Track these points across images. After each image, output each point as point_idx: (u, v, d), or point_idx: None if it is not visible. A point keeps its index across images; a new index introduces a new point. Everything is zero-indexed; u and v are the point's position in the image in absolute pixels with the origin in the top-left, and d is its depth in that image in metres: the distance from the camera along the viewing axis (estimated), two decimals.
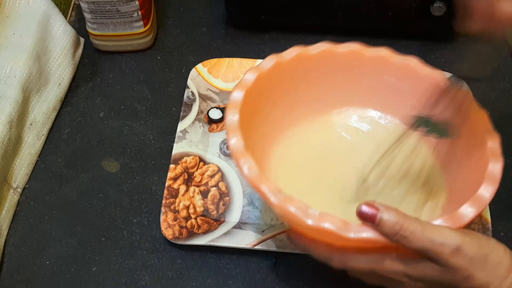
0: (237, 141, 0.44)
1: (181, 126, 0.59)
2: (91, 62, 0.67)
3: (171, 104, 0.63)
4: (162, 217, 0.52)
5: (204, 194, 0.55)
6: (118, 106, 0.63)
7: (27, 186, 0.57)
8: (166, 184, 0.54)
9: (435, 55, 0.67)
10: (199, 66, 0.64)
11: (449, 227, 0.38)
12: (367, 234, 0.38)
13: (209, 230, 0.52)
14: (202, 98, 0.62)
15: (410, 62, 0.50)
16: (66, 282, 0.50)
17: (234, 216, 0.54)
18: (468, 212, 0.40)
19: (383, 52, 0.51)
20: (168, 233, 0.51)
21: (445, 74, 0.49)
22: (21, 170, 0.56)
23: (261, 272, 0.51)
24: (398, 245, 0.38)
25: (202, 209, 0.54)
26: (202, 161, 0.57)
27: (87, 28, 0.66)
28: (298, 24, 0.68)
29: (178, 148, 0.57)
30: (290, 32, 0.69)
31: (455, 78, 0.45)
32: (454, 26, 0.42)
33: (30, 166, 0.58)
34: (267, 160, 0.51)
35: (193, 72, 0.63)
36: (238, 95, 0.47)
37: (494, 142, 0.44)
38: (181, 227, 0.52)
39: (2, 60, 0.58)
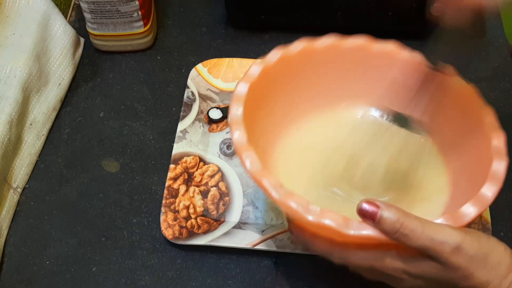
0: (240, 134, 0.43)
1: (181, 126, 0.59)
2: (91, 62, 0.67)
3: (171, 104, 0.63)
4: (162, 217, 0.52)
5: (204, 194, 0.55)
6: (118, 106, 0.63)
7: (27, 186, 0.57)
8: (166, 184, 0.54)
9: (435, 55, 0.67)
10: (199, 66, 0.64)
11: (449, 226, 0.38)
12: (367, 231, 0.38)
13: (209, 230, 0.52)
14: (202, 98, 0.62)
15: (418, 58, 0.50)
16: (66, 282, 0.50)
17: (234, 216, 0.54)
18: (470, 211, 0.40)
19: (390, 47, 0.50)
20: (168, 233, 0.51)
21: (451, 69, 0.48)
22: (21, 170, 0.56)
23: (261, 272, 0.51)
24: (398, 243, 0.38)
25: (202, 209, 0.54)
26: (202, 161, 0.57)
27: (87, 28, 0.66)
28: (298, 24, 0.68)
29: (178, 148, 0.57)
30: (290, 32, 0.68)
31: (432, 66, 0.45)
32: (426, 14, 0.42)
33: (30, 166, 0.58)
34: (271, 154, 0.51)
35: (193, 72, 0.63)
36: (243, 88, 0.46)
37: (499, 141, 0.44)
38: (181, 227, 0.52)
39: (2, 60, 0.58)
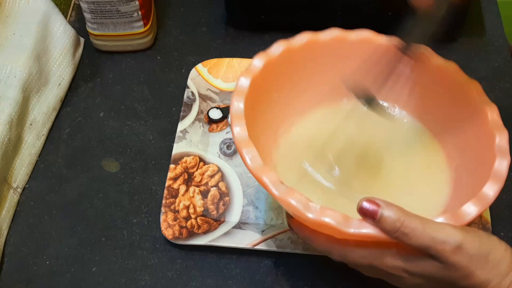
0: (241, 130, 0.43)
1: (181, 126, 0.59)
2: (91, 62, 0.67)
3: (171, 104, 0.63)
4: (162, 217, 0.52)
5: (204, 194, 0.55)
6: (118, 106, 0.63)
7: (27, 186, 0.57)
8: (166, 184, 0.54)
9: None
10: (199, 66, 0.64)
11: (450, 225, 0.38)
12: (367, 230, 0.38)
13: (209, 230, 0.52)
14: (202, 98, 0.62)
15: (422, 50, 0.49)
16: (66, 282, 0.50)
17: (234, 216, 0.53)
18: (471, 210, 0.39)
19: (394, 41, 0.50)
20: (168, 233, 0.51)
21: (456, 66, 0.48)
22: (21, 170, 0.56)
23: (261, 272, 0.51)
24: (398, 241, 0.38)
25: (202, 209, 0.54)
26: (202, 161, 0.57)
27: (87, 28, 0.66)
28: (298, 24, 0.68)
29: (178, 148, 0.57)
30: (290, 32, 0.68)
31: (403, 46, 0.44)
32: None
33: (30, 166, 0.58)
34: (272, 148, 0.50)
35: (193, 72, 0.63)
36: (245, 83, 0.46)
37: (502, 139, 0.43)
38: (181, 227, 0.52)
39: (2, 60, 0.58)
